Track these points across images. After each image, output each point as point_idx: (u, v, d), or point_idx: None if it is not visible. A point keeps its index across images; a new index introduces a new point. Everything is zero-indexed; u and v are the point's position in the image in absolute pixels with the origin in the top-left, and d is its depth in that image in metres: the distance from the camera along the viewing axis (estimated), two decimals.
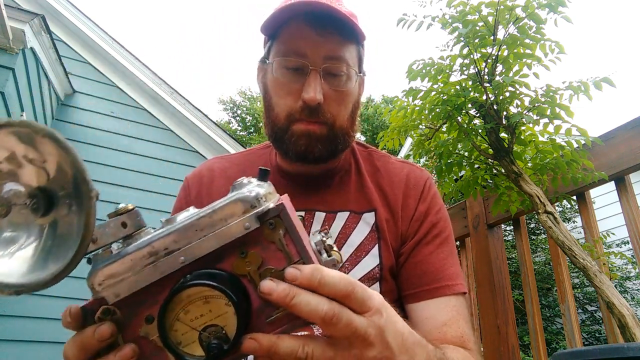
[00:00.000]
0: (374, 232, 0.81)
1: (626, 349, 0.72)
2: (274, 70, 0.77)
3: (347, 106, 0.79)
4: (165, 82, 4.13)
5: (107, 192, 3.62)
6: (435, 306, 0.75)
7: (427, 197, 0.85)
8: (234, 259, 0.42)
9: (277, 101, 0.78)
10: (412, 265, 0.79)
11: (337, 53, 0.75)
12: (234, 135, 15.12)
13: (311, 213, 0.82)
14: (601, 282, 1.04)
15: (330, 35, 0.75)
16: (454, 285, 0.76)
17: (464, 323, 0.74)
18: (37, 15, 2.80)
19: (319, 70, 0.74)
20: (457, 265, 0.81)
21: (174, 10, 54.75)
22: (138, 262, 0.41)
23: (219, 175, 0.90)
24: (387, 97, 19.53)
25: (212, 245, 0.41)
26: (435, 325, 0.72)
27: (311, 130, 0.75)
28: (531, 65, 1.28)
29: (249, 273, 0.42)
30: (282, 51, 0.76)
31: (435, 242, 0.81)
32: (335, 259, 0.45)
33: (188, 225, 0.42)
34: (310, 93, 0.73)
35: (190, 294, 0.40)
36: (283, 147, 0.78)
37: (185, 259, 0.41)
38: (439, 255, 0.80)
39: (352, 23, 0.73)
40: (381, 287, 0.78)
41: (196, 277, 0.40)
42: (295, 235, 0.42)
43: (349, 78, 0.77)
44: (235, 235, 0.42)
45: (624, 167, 1.27)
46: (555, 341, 5.24)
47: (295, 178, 0.86)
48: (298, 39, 0.75)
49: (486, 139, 1.38)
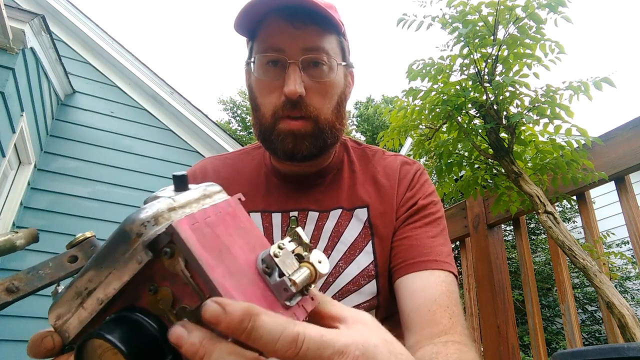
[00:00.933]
0: (367, 228, 0.80)
1: (626, 349, 0.72)
2: (255, 69, 0.77)
3: (332, 98, 0.77)
4: (165, 82, 4.13)
5: (107, 192, 3.62)
6: (424, 279, 0.72)
7: (415, 185, 0.84)
8: (147, 296, 0.34)
9: (261, 100, 0.77)
10: (399, 242, 0.78)
11: (315, 44, 0.74)
12: (234, 135, 15.12)
13: (304, 213, 0.81)
14: (601, 282, 1.04)
15: (307, 27, 0.73)
16: (443, 262, 0.74)
17: (454, 302, 0.70)
18: (37, 15, 2.80)
19: (298, 62, 0.73)
20: (448, 246, 0.78)
21: (174, 10, 54.77)
22: (71, 303, 0.37)
23: (213, 175, 0.89)
24: (387, 97, 19.54)
25: (116, 286, 0.35)
26: (426, 299, 0.69)
27: (295, 128, 0.74)
28: (531, 65, 1.28)
29: (165, 312, 0.34)
30: (261, 49, 0.75)
31: (424, 221, 0.79)
32: (304, 277, 0.34)
33: (93, 261, 0.36)
34: (290, 86, 0.71)
35: (96, 345, 0.33)
36: (271, 147, 0.77)
37: (101, 299, 0.35)
38: (427, 233, 0.78)
39: (328, 13, 0.72)
40: (377, 284, 0.77)
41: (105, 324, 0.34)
42: (194, 264, 0.32)
43: (330, 68, 0.76)
44: (132, 272, 0.34)
45: (624, 167, 1.27)
46: (555, 341, 5.24)
47: (288, 178, 0.85)
48: (275, 35, 0.74)
49: (486, 139, 1.38)
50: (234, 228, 0.37)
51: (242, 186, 0.86)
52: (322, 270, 0.36)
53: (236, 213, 0.38)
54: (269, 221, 0.82)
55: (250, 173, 0.88)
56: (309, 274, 0.35)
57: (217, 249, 0.34)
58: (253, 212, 0.83)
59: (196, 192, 0.38)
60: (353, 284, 0.76)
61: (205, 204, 0.37)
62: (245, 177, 0.88)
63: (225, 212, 0.37)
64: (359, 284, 0.76)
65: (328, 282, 0.76)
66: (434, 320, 0.67)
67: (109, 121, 3.85)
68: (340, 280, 0.76)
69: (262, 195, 0.84)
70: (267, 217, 0.82)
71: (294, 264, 0.35)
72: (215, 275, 0.32)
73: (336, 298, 0.75)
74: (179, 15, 53.79)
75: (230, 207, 0.38)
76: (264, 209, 0.83)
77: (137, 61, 4.05)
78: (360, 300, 0.76)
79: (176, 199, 0.36)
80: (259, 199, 0.84)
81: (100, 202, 3.56)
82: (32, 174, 3.28)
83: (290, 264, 0.35)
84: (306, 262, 0.36)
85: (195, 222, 0.34)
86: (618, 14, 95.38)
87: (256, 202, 0.84)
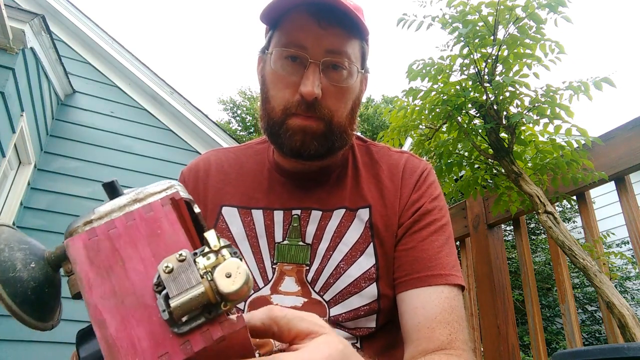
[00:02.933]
0: (368, 229, 0.78)
1: (626, 349, 0.72)
2: (273, 61, 0.74)
3: (347, 103, 0.75)
4: (165, 82, 4.13)
5: None
6: (426, 296, 0.70)
7: (422, 186, 0.81)
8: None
9: (274, 94, 0.75)
10: (404, 252, 0.75)
11: (339, 47, 0.72)
12: (234, 135, 15.13)
13: (307, 212, 0.79)
14: (601, 282, 1.04)
15: (333, 29, 0.71)
16: (447, 275, 0.72)
17: (455, 319, 0.69)
18: (37, 15, 2.80)
19: (319, 63, 0.71)
20: (454, 256, 0.76)
21: (174, 10, 54.77)
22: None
23: (216, 169, 0.87)
24: (387, 97, 19.53)
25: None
26: (426, 318, 0.68)
27: (307, 125, 0.72)
28: (531, 65, 1.28)
29: None
30: (282, 42, 0.73)
31: (429, 229, 0.77)
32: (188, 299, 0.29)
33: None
34: (307, 86, 0.69)
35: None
36: (278, 142, 0.75)
37: None
38: (432, 243, 0.75)
39: (357, 17, 0.70)
40: (378, 287, 0.75)
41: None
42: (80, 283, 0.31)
43: (350, 74, 0.74)
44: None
45: (624, 167, 1.27)
46: (555, 341, 5.24)
47: (292, 175, 0.83)
48: (299, 31, 0.72)
49: (486, 139, 1.38)
50: (145, 236, 0.33)
51: (245, 181, 0.84)
52: (225, 289, 0.29)
53: (156, 217, 0.34)
54: (270, 218, 0.80)
55: (253, 168, 0.87)
56: (200, 295, 0.29)
57: (108, 265, 0.32)
58: (255, 209, 0.81)
59: (124, 199, 0.36)
60: (354, 286, 0.75)
61: (133, 209, 0.35)
62: (249, 172, 0.86)
63: (140, 219, 0.34)
64: (360, 286, 0.75)
65: (329, 283, 0.75)
66: (431, 337, 0.67)
67: (109, 121, 3.85)
68: (341, 282, 0.75)
69: (264, 192, 0.83)
70: (269, 215, 0.80)
71: (191, 280, 0.30)
72: (92, 296, 0.30)
73: (336, 301, 0.74)
74: (179, 15, 53.81)
75: (151, 212, 0.35)
76: (266, 206, 0.81)
77: (137, 61, 4.05)
78: (360, 303, 0.74)
79: (96, 211, 0.35)
80: (261, 195, 0.82)
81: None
82: (32, 174, 3.28)
83: (183, 280, 0.30)
84: (207, 279, 0.30)
85: (93, 237, 0.33)
86: (618, 14, 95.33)
87: (258, 198, 0.82)
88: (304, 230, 0.78)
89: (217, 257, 0.31)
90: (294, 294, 0.75)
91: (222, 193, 0.84)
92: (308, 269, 0.76)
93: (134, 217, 0.34)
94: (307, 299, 0.75)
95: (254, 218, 0.80)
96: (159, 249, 0.33)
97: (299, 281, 0.76)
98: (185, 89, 45.02)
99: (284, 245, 0.78)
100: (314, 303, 0.74)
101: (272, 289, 0.76)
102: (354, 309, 0.73)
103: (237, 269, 0.30)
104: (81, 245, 0.33)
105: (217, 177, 0.86)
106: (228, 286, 0.29)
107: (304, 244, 0.77)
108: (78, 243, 0.33)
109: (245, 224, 0.80)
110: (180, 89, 4.31)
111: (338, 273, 0.75)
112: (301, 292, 0.75)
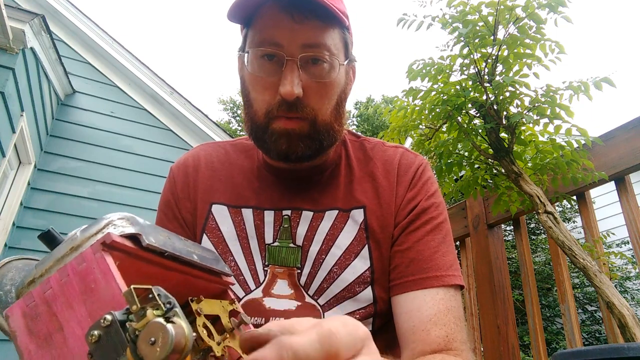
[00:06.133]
0: (363, 231, 0.75)
1: (626, 349, 0.72)
2: (249, 62, 0.70)
3: (331, 98, 0.71)
4: (165, 82, 4.13)
5: (107, 192, 3.62)
6: (421, 298, 0.68)
7: (417, 183, 0.78)
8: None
9: (254, 96, 0.71)
10: (399, 253, 0.73)
11: (316, 40, 0.67)
12: (234, 135, 15.11)
13: (298, 212, 0.76)
14: (601, 282, 1.04)
15: (308, 21, 0.67)
16: (444, 277, 0.70)
17: (452, 319, 0.67)
18: (37, 15, 2.80)
19: (296, 60, 0.66)
20: (451, 255, 0.73)
21: (174, 10, 54.77)
22: None
23: (205, 165, 0.84)
24: (387, 97, 19.53)
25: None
26: (421, 320, 0.67)
27: (290, 128, 0.68)
28: (531, 65, 1.28)
29: None
30: (256, 41, 0.69)
31: (426, 228, 0.74)
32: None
33: None
34: (286, 86, 0.65)
35: None
36: (264, 147, 0.73)
37: None
38: (428, 244, 0.73)
39: (331, 6, 0.65)
40: (373, 291, 0.73)
41: None
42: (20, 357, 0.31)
43: (332, 67, 0.69)
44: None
45: (624, 167, 1.27)
46: (555, 341, 5.24)
47: (282, 174, 0.80)
48: (272, 27, 0.67)
49: (486, 139, 1.38)
50: (79, 294, 0.30)
51: (235, 179, 0.82)
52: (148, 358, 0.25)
53: (89, 269, 0.31)
54: (260, 218, 0.77)
55: (243, 165, 0.84)
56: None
57: (48, 333, 0.30)
58: (245, 208, 0.78)
59: (62, 249, 0.33)
60: (348, 291, 0.72)
61: (67, 261, 0.32)
62: (239, 169, 0.83)
63: (73, 274, 0.31)
64: (354, 290, 0.72)
65: (322, 288, 0.73)
66: (427, 340, 0.65)
67: (109, 121, 3.85)
68: (335, 286, 0.73)
69: (254, 191, 0.80)
70: (258, 214, 0.77)
71: (118, 348, 0.26)
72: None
73: (330, 305, 0.72)
74: (179, 15, 53.80)
75: (84, 263, 0.31)
76: (256, 205, 0.78)
77: (137, 61, 4.05)
78: (355, 307, 0.72)
79: (38, 267, 0.33)
80: (251, 193, 0.80)
81: (100, 202, 3.56)
82: (32, 174, 3.29)
83: (110, 349, 0.26)
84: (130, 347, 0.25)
85: (31, 303, 0.31)
86: (618, 14, 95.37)
87: (248, 197, 0.79)
88: (294, 231, 0.76)
89: (145, 316, 0.26)
90: (287, 297, 0.73)
91: (212, 190, 0.81)
92: (300, 272, 0.74)
93: (67, 273, 0.31)
94: (300, 302, 0.73)
95: (244, 218, 0.78)
96: (94, 306, 0.30)
97: (292, 284, 0.74)
98: (185, 89, 45.06)
99: (275, 247, 0.75)
100: (308, 307, 0.72)
101: (265, 292, 0.73)
102: (348, 314, 0.72)
103: (161, 334, 0.25)
104: (20, 314, 0.31)
105: (207, 173, 0.83)
106: (152, 355, 0.25)
107: (295, 246, 0.75)
108: (17, 312, 0.31)
109: (236, 223, 0.78)
110: (180, 89, 4.32)
111: (332, 278, 0.73)
112: (294, 295, 0.73)
